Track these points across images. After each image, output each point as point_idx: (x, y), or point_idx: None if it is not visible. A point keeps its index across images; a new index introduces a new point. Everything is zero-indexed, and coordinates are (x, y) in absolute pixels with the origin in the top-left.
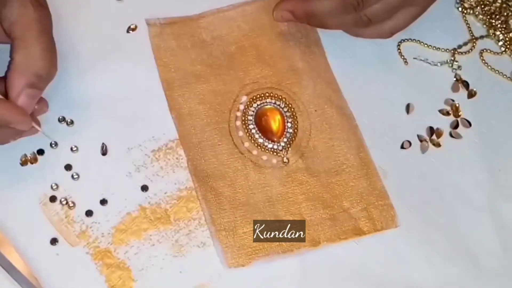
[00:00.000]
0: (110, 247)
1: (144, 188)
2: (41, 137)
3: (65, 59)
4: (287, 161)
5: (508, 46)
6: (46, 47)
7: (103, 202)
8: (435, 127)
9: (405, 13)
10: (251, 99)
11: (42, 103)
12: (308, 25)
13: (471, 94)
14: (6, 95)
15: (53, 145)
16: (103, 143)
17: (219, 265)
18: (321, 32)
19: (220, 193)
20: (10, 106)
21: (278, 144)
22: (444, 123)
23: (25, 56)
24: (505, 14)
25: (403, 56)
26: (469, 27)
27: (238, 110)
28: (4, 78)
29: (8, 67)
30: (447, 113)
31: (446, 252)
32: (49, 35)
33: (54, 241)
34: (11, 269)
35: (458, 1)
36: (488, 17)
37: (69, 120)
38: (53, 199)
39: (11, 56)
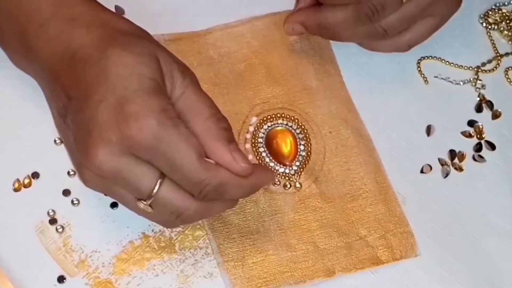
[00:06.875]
0: (111, 278)
1: None
2: (35, 158)
3: None
4: (299, 186)
5: None
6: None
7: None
8: (457, 150)
9: (423, 25)
10: (261, 120)
11: None
12: (320, 37)
13: (496, 115)
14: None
15: None
16: None
17: None
18: (336, 49)
19: (228, 221)
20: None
21: (290, 168)
22: (466, 145)
23: None
24: None
25: (423, 74)
26: (493, 43)
27: (247, 132)
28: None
29: None
30: (470, 135)
31: (468, 283)
32: None
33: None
34: None
35: (481, 16)
36: None
37: None
38: (53, 221)
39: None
